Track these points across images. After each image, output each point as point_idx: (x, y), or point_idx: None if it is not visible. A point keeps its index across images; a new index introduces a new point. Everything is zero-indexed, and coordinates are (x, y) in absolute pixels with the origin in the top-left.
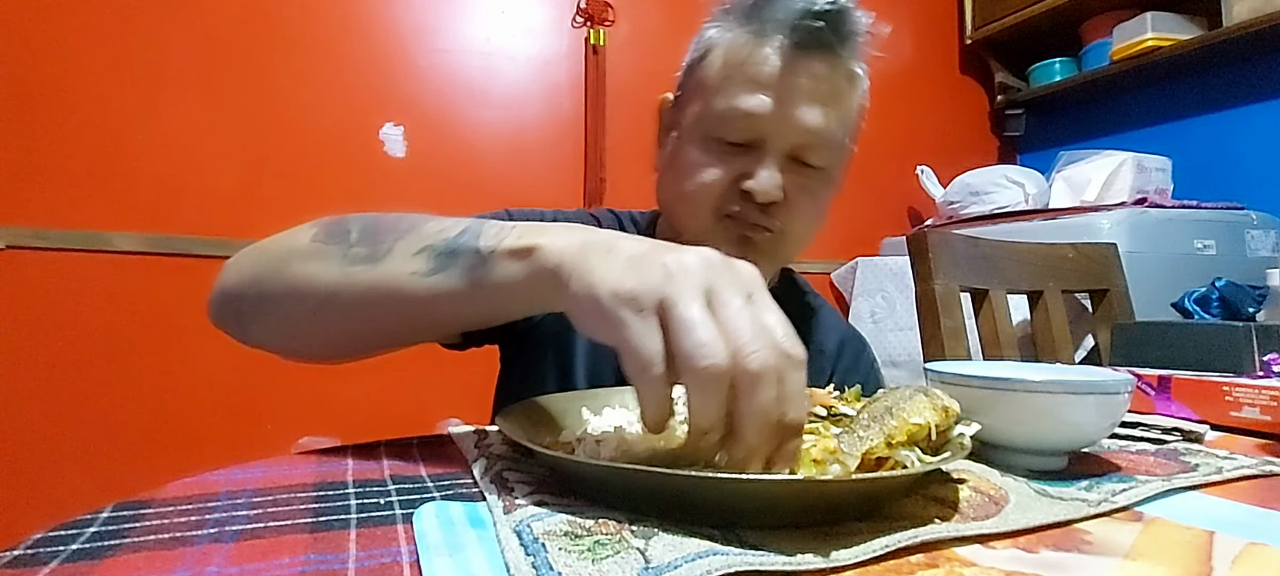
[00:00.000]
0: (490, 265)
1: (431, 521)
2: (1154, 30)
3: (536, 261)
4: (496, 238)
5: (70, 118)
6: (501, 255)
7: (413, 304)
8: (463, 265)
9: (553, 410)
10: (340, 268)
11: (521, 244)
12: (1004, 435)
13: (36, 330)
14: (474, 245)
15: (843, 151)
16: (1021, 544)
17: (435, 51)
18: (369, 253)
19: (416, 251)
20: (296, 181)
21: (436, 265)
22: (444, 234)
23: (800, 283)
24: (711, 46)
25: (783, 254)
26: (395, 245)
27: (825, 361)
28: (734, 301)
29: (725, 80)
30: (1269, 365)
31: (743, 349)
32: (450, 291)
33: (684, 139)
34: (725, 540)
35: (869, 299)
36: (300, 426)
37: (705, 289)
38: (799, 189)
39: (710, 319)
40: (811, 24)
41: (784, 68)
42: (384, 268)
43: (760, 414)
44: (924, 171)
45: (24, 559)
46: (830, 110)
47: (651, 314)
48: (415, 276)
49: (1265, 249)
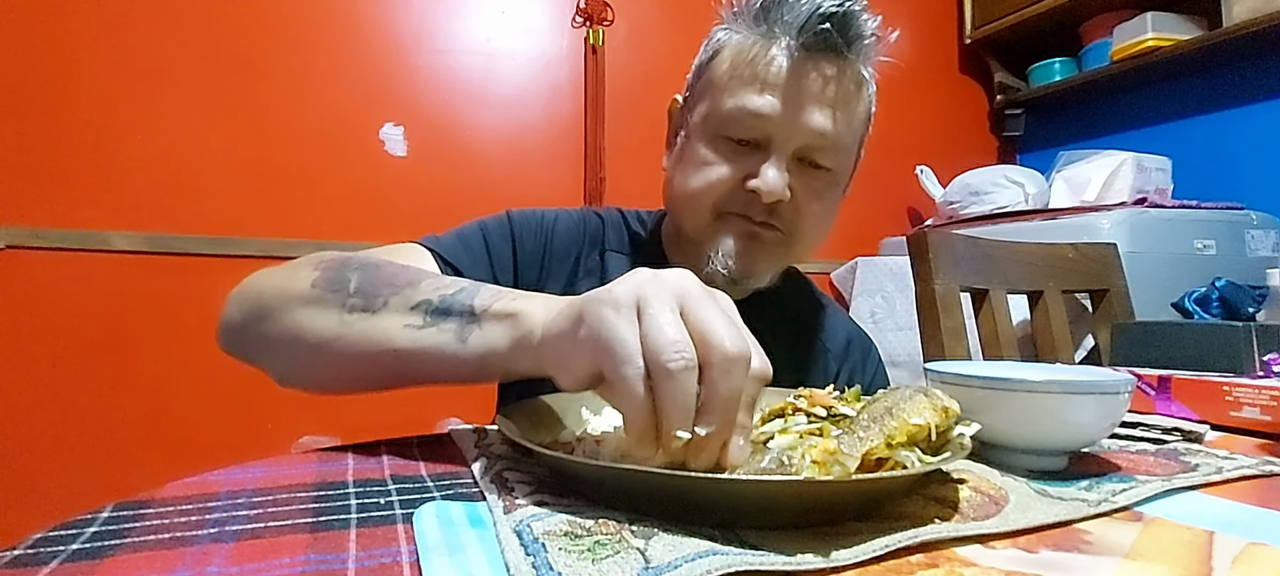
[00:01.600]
0: (479, 325)
1: (431, 521)
2: (1154, 30)
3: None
4: (490, 298)
5: (69, 117)
6: (490, 317)
7: (404, 357)
8: (455, 323)
9: (553, 410)
10: (337, 316)
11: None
12: (1004, 435)
13: (36, 330)
14: (467, 304)
15: (850, 155)
16: (1021, 544)
17: (435, 51)
18: (365, 304)
19: (412, 306)
20: (296, 181)
21: (430, 321)
22: (440, 289)
23: (807, 282)
24: (721, 48)
25: (789, 254)
26: (391, 299)
27: (832, 360)
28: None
29: (733, 80)
30: (1269, 365)
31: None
32: (441, 348)
33: (692, 138)
34: (725, 540)
35: (869, 299)
36: (300, 426)
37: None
38: (806, 190)
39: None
40: (819, 27)
41: (792, 69)
42: (379, 320)
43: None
44: (924, 171)
45: (24, 559)
46: (838, 112)
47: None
48: (408, 330)
49: (1265, 249)
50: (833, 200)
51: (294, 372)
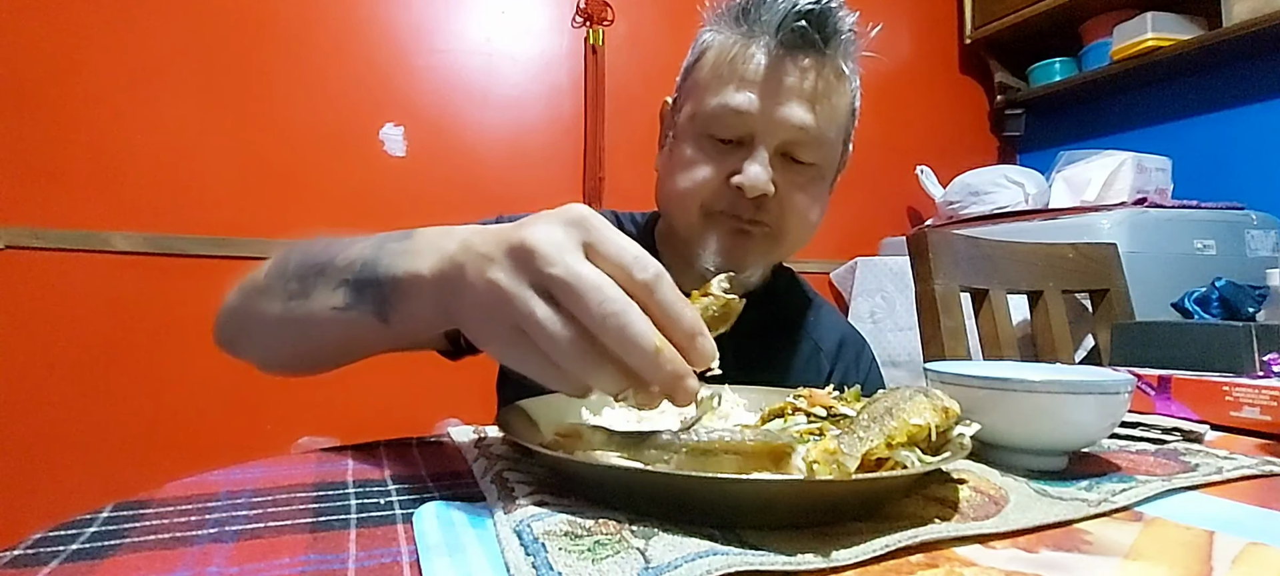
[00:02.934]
0: (389, 298)
1: (431, 521)
2: (1154, 30)
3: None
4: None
5: (69, 117)
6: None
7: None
8: (371, 299)
9: (553, 410)
10: (281, 304)
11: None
12: (1004, 435)
13: (35, 330)
14: (374, 276)
15: (834, 149)
16: (1021, 544)
17: (435, 51)
18: (299, 288)
19: (334, 285)
20: (296, 181)
21: (350, 298)
22: (356, 262)
23: (799, 282)
24: (705, 49)
25: (777, 249)
26: (317, 281)
27: (824, 359)
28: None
29: (716, 79)
30: (1269, 365)
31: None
32: (364, 325)
33: (679, 138)
34: (725, 540)
35: (869, 299)
36: (300, 426)
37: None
38: (790, 185)
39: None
40: (795, 23)
41: (771, 66)
42: (311, 304)
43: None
44: (924, 171)
45: (24, 559)
46: (818, 107)
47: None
48: (335, 312)
49: (1265, 249)
50: (818, 194)
51: (267, 356)
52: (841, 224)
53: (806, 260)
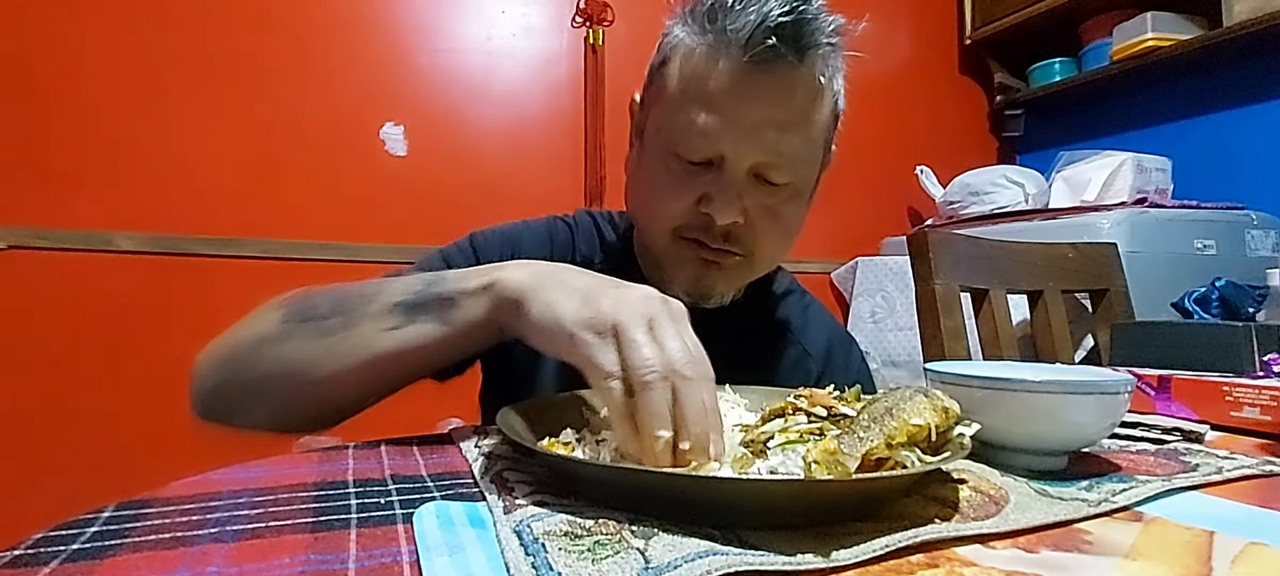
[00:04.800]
0: (457, 305)
1: (431, 521)
2: (1154, 30)
3: (497, 294)
4: (459, 281)
5: (71, 117)
6: (466, 295)
7: (390, 358)
8: (433, 311)
9: (553, 410)
10: (317, 342)
11: (483, 282)
12: (1004, 435)
13: (38, 330)
14: (439, 292)
15: (811, 165)
16: (1021, 544)
17: (435, 51)
18: (343, 321)
19: (388, 310)
20: (297, 181)
21: (408, 317)
22: (410, 289)
23: (784, 283)
24: (671, 54)
25: (750, 272)
26: (366, 309)
27: (812, 364)
28: (669, 328)
29: (682, 93)
30: (1269, 365)
31: (675, 362)
32: (423, 337)
33: (647, 151)
34: (725, 540)
35: (869, 299)
36: None
37: (647, 318)
38: (762, 210)
39: (652, 341)
40: (766, 41)
41: (741, 86)
42: (359, 331)
43: (696, 408)
44: (924, 171)
45: (24, 559)
46: (792, 128)
47: (609, 336)
48: (391, 332)
49: (1265, 249)
50: (793, 212)
51: (285, 413)
52: (841, 224)
53: (807, 260)
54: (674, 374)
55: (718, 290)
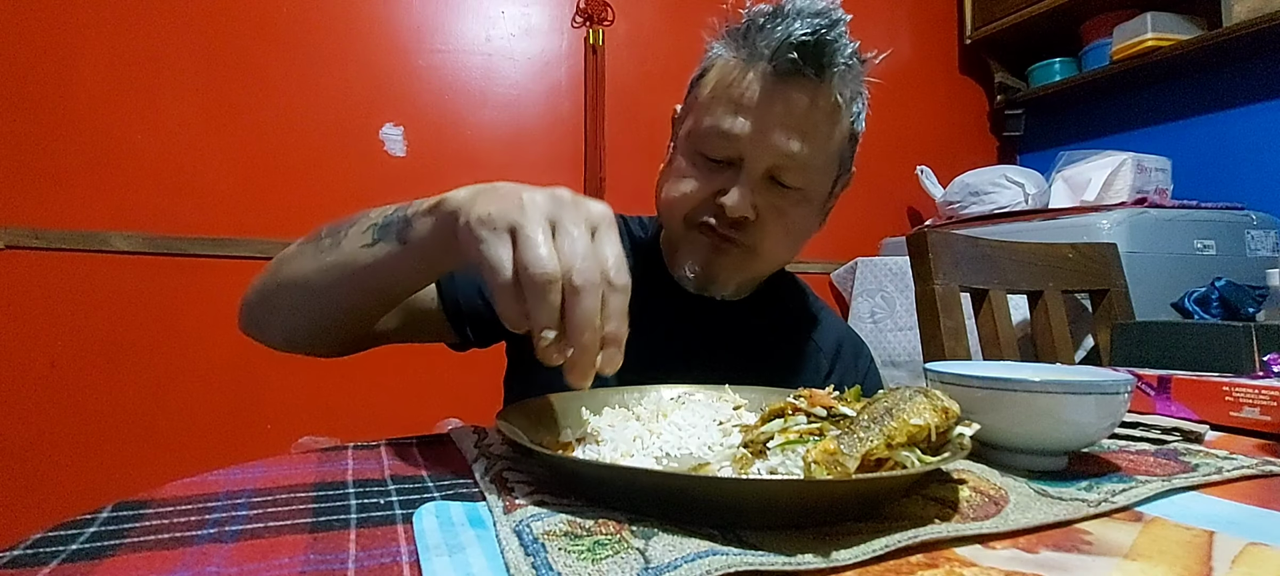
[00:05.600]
0: (412, 225)
1: (431, 521)
2: (1154, 30)
3: (441, 211)
4: (419, 203)
5: (69, 117)
6: (420, 215)
7: (364, 271)
8: (394, 231)
9: (553, 410)
10: (314, 259)
11: (433, 202)
12: (1004, 435)
13: (36, 330)
14: (403, 214)
15: (823, 174)
16: (1021, 544)
17: (435, 51)
18: (332, 242)
19: (364, 230)
20: (296, 181)
21: (378, 236)
22: (384, 212)
23: (799, 285)
24: (709, 66)
25: (753, 267)
26: (349, 231)
27: (823, 359)
28: (573, 231)
29: (713, 100)
30: (1269, 365)
31: (571, 266)
32: (388, 253)
33: (677, 150)
34: (725, 540)
35: (869, 299)
36: (300, 426)
37: (549, 217)
38: (772, 209)
39: (549, 241)
40: (789, 55)
41: (765, 94)
42: (341, 249)
43: (583, 318)
44: (924, 171)
45: (24, 559)
46: (806, 137)
47: (504, 233)
48: (364, 249)
49: (1265, 249)
50: (802, 216)
51: (294, 326)
52: (841, 224)
53: (807, 260)
54: (567, 276)
55: (722, 277)
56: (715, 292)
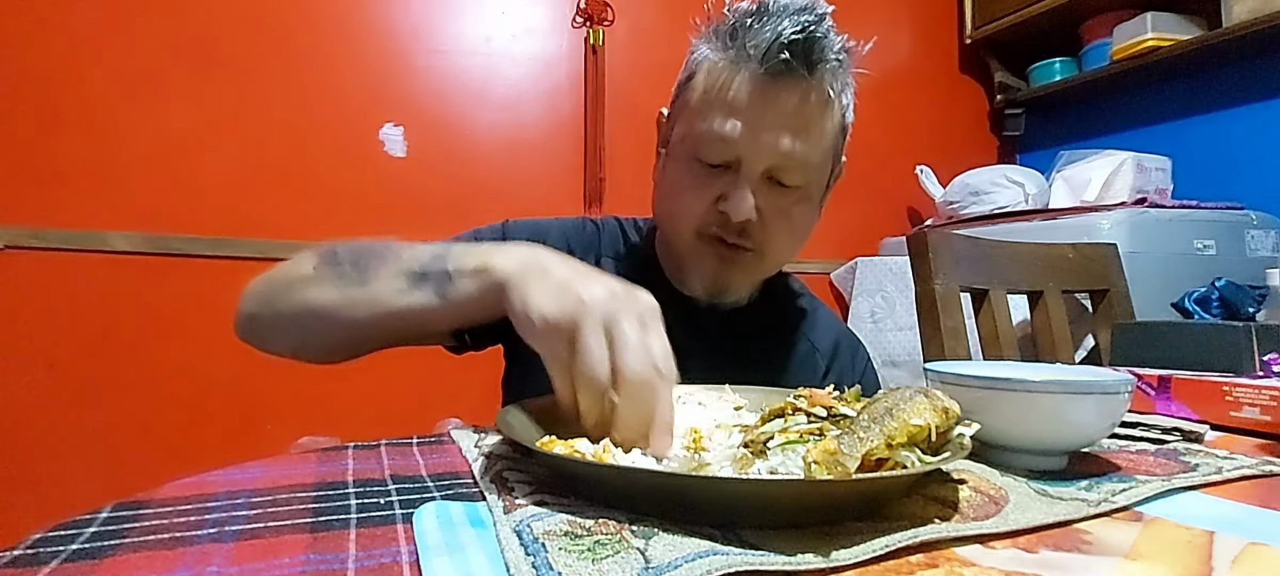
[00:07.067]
0: (453, 283)
1: (431, 521)
2: (1154, 30)
3: (487, 278)
4: (459, 259)
5: (68, 117)
6: (462, 275)
7: (395, 316)
8: (432, 284)
9: (553, 410)
10: (337, 290)
11: (478, 264)
12: (1004, 435)
13: (34, 330)
14: (441, 267)
15: (820, 170)
16: (1021, 544)
17: (435, 52)
18: (359, 277)
19: (396, 274)
20: (296, 181)
21: (412, 283)
22: (418, 259)
23: (795, 285)
24: (696, 69)
25: (762, 269)
26: (380, 270)
27: (820, 359)
28: (627, 330)
29: (705, 104)
30: (1269, 365)
31: (623, 366)
32: (423, 305)
33: (672, 157)
34: (725, 540)
35: (869, 299)
36: (300, 426)
37: (605, 318)
38: (774, 210)
39: (603, 346)
40: (780, 55)
41: (757, 95)
42: (371, 289)
43: (629, 411)
44: (924, 171)
45: (24, 559)
46: (802, 134)
47: (566, 337)
48: (396, 294)
49: (1265, 249)
50: (804, 214)
51: (305, 344)
52: (841, 224)
53: (807, 260)
54: (620, 375)
55: (734, 285)
56: (727, 301)
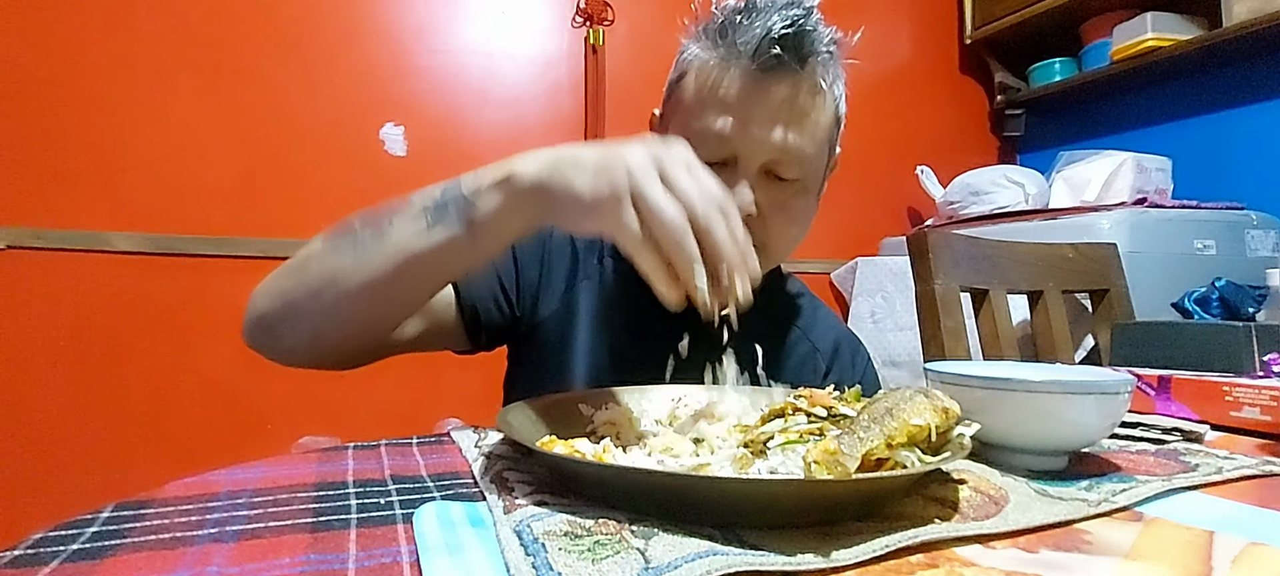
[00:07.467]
0: (477, 202)
1: (431, 521)
2: (1154, 30)
3: (516, 185)
4: (475, 180)
5: (70, 117)
6: (485, 191)
7: (422, 259)
8: (455, 211)
9: (553, 410)
10: (353, 252)
11: (498, 176)
12: (1004, 435)
13: (36, 330)
14: (459, 193)
15: (816, 161)
16: (1021, 544)
17: (435, 51)
18: (375, 233)
19: (414, 215)
20: (297, 181)
21: (434, 218)
22: (432, 194)
23: (795, 286)
24: (687, 68)
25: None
26: (393, 218)
27: (820, 359)
28: (679, 174)
29: (698, 102)
30: (1269, 365)
31: (692, 207)
32: (450, 237)
33: None
34: (725, 540)
35: (869, 299)
36: (300, 426)
37: (659, 174)
38: (773, 203)
39: (667, 194)
40: (771, 50)
41: (750, 90)
42: (390, 237)
43: (723, 246)
44: (924, 171)
45: (24, 559)
46: (796, 127)
47: (626, 201)
48: (419, 234)
49: (1265, 249)
50: (802, 207)
51: (324, 329)
52: (841, 224)
53: (806, 260)
54: (692, 219)
55: None
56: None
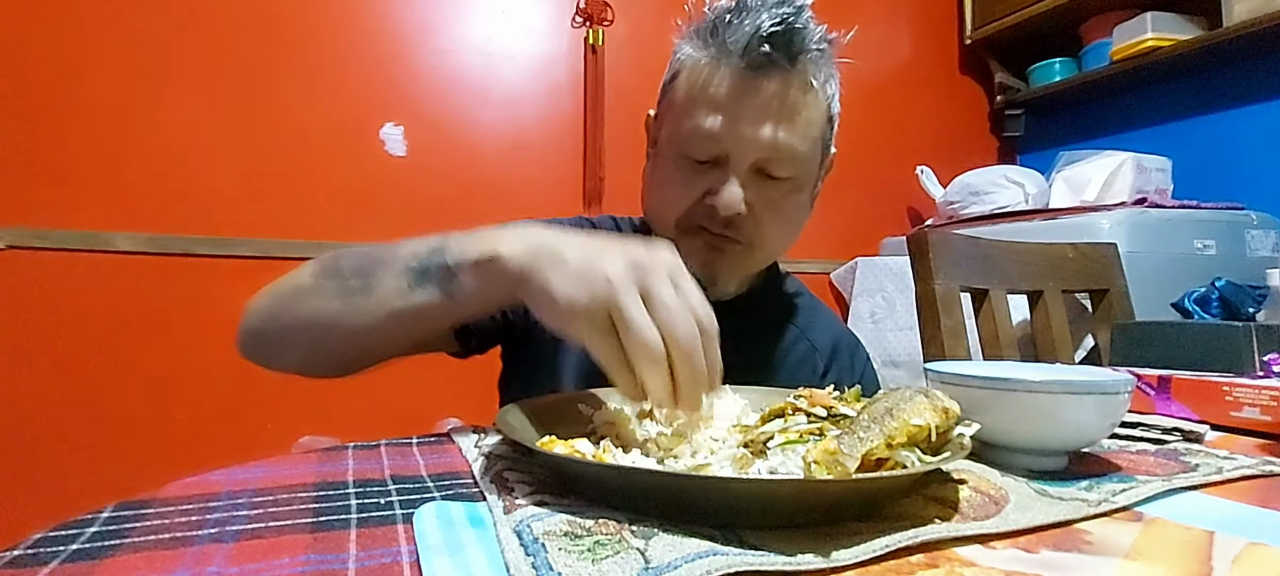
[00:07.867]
0: (458, 278)
1: (431, 521)
2: (1154, 30)
3: (496, 269)
4: (461, 249)
5: (71, 118)
6: (467, 267)
7: (403, 316)
8: (436, 280)
9: (553, 410)
10: (341, 300)
11: (482, 254)
12: (1004, 435)
13: (37, 330)
14: (442, 261)
15: (809, 160)
16: (1021, 544)
17: (435, 51)
18: (361, 284)
19: (398, 273)
20: (297, 181)
21: (416, 282)
22: (418, 256)
23: (794, 285)
24: (679, 69)
25: (752, 262)
26: (382, 272)
27: (819, 359)
28: (663, 292)
29: (689, 101)
30: (1269, 365)
31: (673, 332)
32: (430, 304)
33: (659, 155)
34: (725, 540)
35: (869, 299)
36: (300, 426)
37: (639, 287)
38: (764, 202)
39: (645, 314)
40: (761, 49)
41: (740, 88)
42: (374, 292)
43: (695, 377)
44: (924, 171)
45: (24, 559)
46: (788, 124)
47: (604, 319)
48: (401, 293)
49: (1265, 249)
50: (795, 206)
51: (312, 356)
52: (841, 224)
53: (806, 260)
54: (672, 344)
55: (722, 276)
56: (717, 294)
